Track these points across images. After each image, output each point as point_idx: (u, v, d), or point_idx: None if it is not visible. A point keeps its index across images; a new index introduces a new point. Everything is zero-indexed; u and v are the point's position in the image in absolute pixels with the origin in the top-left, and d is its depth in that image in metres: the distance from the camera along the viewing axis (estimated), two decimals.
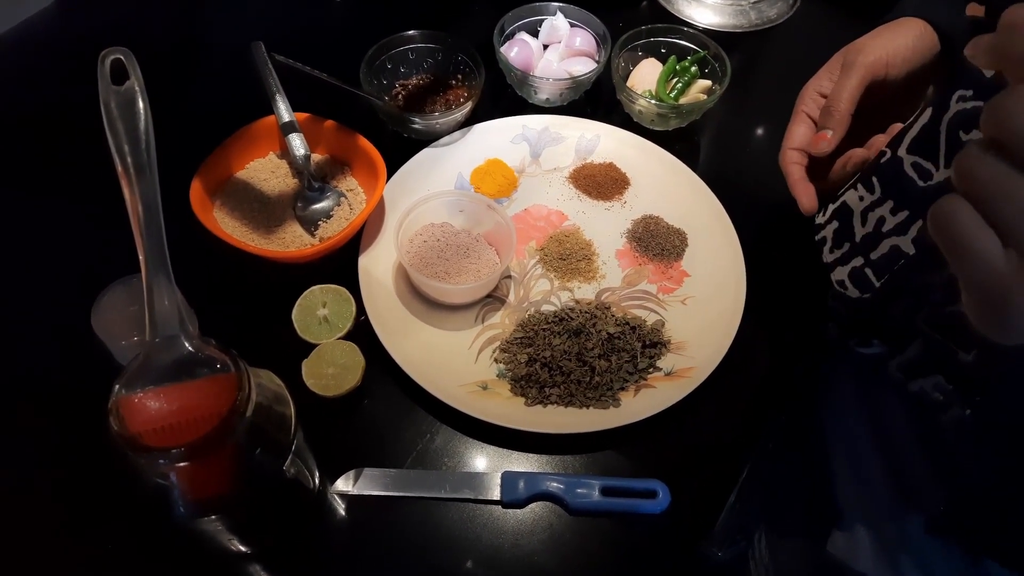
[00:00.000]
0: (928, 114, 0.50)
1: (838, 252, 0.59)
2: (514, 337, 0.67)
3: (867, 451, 0.56)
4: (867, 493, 0.55)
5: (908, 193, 0.51)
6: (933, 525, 0.51)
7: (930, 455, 0.52)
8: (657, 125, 0.83)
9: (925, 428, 0.53)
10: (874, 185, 0.55)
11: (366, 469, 0.59)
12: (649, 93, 0.82)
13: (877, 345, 0.58)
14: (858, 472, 0.56)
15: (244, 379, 0.42)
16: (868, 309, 0.56)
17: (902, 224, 0.52)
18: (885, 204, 0.53)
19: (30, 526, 0.56)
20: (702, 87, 0.82)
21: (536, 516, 0.58)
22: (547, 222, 0.76)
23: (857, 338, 0.59)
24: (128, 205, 0.44)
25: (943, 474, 0.51)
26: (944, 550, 0.50)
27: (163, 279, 0.44)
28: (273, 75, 0.74)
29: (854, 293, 0.57)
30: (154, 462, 0.41)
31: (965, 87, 0.46)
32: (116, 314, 0.58)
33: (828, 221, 0.61)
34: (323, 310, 0.65)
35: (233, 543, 0.54)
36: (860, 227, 0.56)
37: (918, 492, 0.52)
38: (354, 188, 0.75)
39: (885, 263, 0.53)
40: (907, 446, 0.53)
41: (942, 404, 0.50)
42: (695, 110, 0.81)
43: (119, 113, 0.45)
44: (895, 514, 0.53)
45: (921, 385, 0.52)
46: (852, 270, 0.57)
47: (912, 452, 0.53)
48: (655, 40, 0.85)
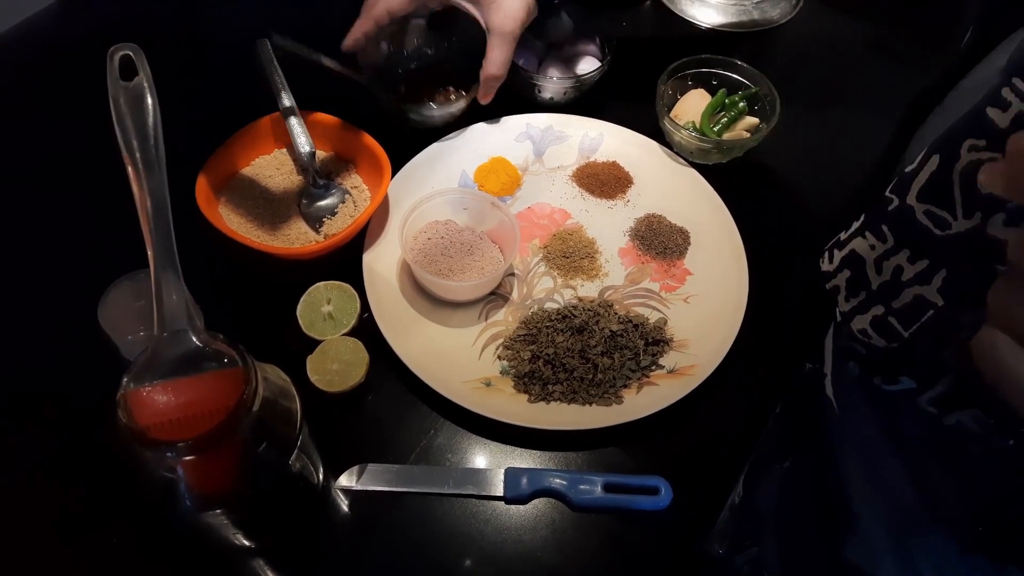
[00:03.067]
0: (935, 161, 0.48)
1: (854, 301, 0.57)
2: (517, 334, 0.67)
3: (883, 456, 0.55)
4: (886, 500, 0.54)
5: (925, 242, 0.50)
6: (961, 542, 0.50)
7: (944, 461, 0.52)
8: (697, 158, 0.80)
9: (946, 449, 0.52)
10: (885, 234, 0.54)
11: (370, 465, 0.59)
12: (692, 125, 0.79)
13: (905, 382, 0.56)
14: (874, 478, 0.56)
15: (251, 373, 0.43)
16: (895, 353, 0.55)
17: (923, 274, 0.51)
18: (900, 253, 0.52)
19: (35, 520, 0.56)
20: (748, 124, 0.80)
21: (539, 512, 0.59)
22: (550, 220, 0.76)
23: (882, 376, 0.58)
24: (137, 200, 0.44)
25: (961, 481, 0.51)
26: (967, 557, 0.50)
27: (171, 274, 0.44)
28: (278, 72, 0.74)
29: (880, 342, 0.55)
30: (161, 455, 0.41)
31: (977, 136, 0.46)
32: (123, 309, 0.58)
33: (838, 269, 0.59)
34: (327, 307, 0.66)
35: (238, 537, 0.54)
36: (876, 276, 0.55)
37: (942, 504, 0.51)
38: (359, 185, 0.75)
39: (911, 313, 0.52)
40: (920, 450, 0.53)
41: (980, 436, 0.50)
42: (737, 147, 0.78)
43: (128, 109, 0.45)
44: (919, 522, 0.53)
45: (958, 419, 0.51)
46: (874, 319, 0.55)
47: (926, 457, 0.53)
48: (706, 71, 0.83)
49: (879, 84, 0.90)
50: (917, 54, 0.95)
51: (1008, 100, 0.44)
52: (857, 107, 0.88)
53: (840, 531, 0.56)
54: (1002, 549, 0.49)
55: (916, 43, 0.96)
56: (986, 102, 0.45)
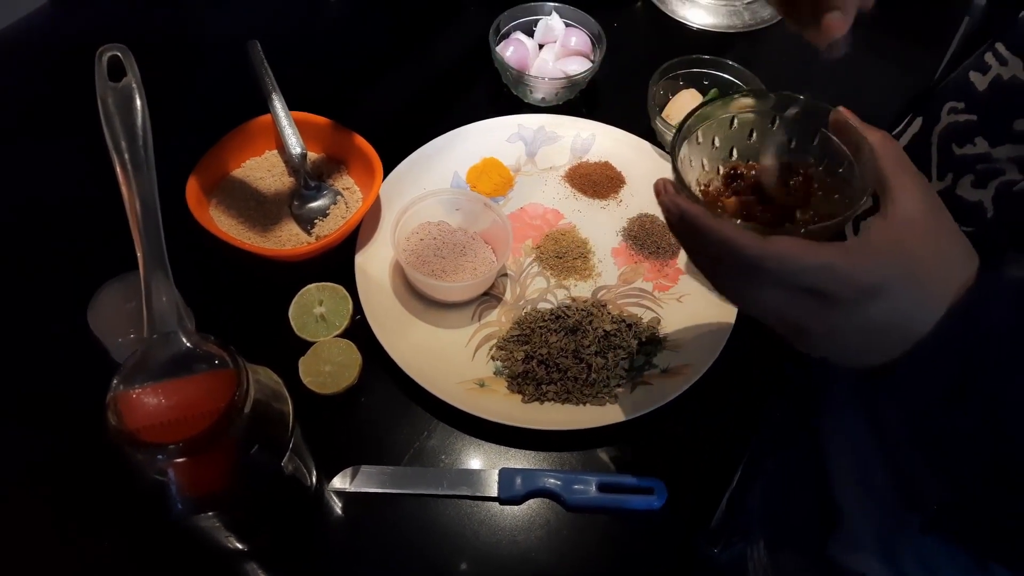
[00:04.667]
0: (919, 123, 0.50)
1: None
2: (511, 335, 0.67)
3: (867, 451, 0.55)
4: (868, 494, 0.55)
5: None
6: (929, 523, 0.51)
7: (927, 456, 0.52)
8: None
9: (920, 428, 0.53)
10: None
11: (363, 466, 0.59)
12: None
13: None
14: (858, 473, 0.56)
15: (243, 375, 0.42)
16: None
17: None
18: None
19: (26, 523, 0.56)
20: None
21: (533, 513, 0.59)
22: (543, 220, 0.76)
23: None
24: (126, 202, 0.44)
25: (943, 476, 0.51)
26: (950, 553, 0.50)
27: (161, 276, 0.44)
28: (269, 74, 0.74)
29: None
30: (152, 458, 0.41)
31: (956, 99, 0.47)
32: (112, 311, 0.58)
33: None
34: (320, 308, 0.65)
35: (230, 540, 0.54)
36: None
37: (920, 494, 0.52)
38: (350, 186, 0.75)
39: None
40: (905, 446, 0.53)
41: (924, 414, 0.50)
42: None
43: (116, 110, 0.45)
44: (897, 514, 0.53)
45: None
46: None
47: (910, 452, 0.53)
48: (697, 71, 0.83)
49: (871, 85, 0.91)
50: (909, 55, 0.95)
51: (989, 64, 0.45)
52: (848, 108, 0.88)
53: (825, 528, 0.56)
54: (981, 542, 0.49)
55: (908, 44, 0.97)
56: (970, 66, 0.46)
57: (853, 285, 0.37)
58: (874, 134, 0.42)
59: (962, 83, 0.46)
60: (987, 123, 0.45)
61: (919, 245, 0.38)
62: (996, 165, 0.44)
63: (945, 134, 0.47)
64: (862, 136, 0.42)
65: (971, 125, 0.46)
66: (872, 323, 0.38)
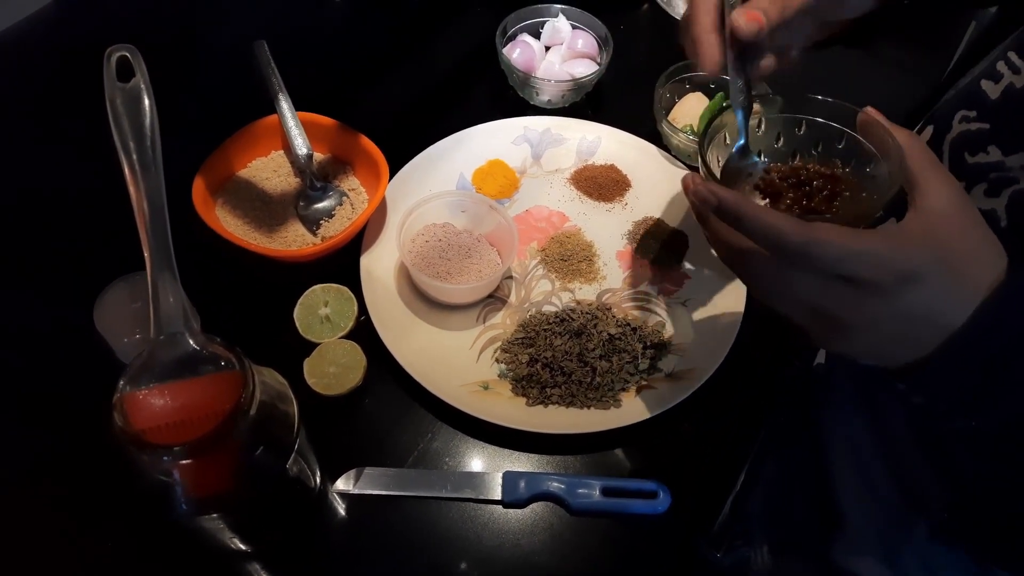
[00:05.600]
0: (929, 132, 0.49)
1: None
2: (515, 337, 0.67)
3: (870, 454, 0.55)
4: (871, 498, 0.55)
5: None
6: (937, 531, 0.50)
7: (931, 459, 0.52)
8: (695, 161, 0.78)
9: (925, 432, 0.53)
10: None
11: (367, 468, 0.59)
12: (690, 128, 0.79)
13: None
14: (861, 476, 0.56)
15: (248, 376, 0.42)
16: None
17: None
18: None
19: (31, 523, 0.56)
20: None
21: (537, 516, 0.59)
22: (548, 223, 0.76)
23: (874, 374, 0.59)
24: (133, 202, 0.44)
25: (945, 479, 0.51)
26: (952, 557, 0.50)
27: (168, 276, 0.44)
28: (276, 74, 0.74)
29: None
30: (157, 459, 0.41)
31: (968, 107, 0.46)
32: (119, 311, 0.58)
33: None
34: (325, 309, 0.65)
35: (235, 541, 0.54)
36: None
37: (923, 497, 0.51)
38: (356, 188, 0.75)
39: None
40: (909, 449, 0.53)
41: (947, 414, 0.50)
42: None
43: (124, 110, 0.45)
44: (901, 520, 0.52)
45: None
46: None
47: (914, 456, 0.53)
48: (704, 75, 0.78)
49: (877, 91, 0.90)
50: (913, 60, 0.95)
51: (1001, 72, 0.44)
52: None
53: (828, 531, 0.56)
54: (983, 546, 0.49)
55: (912, 49, 0.96)
56: (981, 75, 0.46)
57: (892, 271, 0.37)
58: (901, 132, 0.42)
59: (974, 91, 0.46)
60: (1000, 131, 0.45)
61: (952, 236, 0.38)
62: (1009, 173, 0.44)
63: (957, 143, 0.47)
64: (890, 135, 0.42)
65: (983, 133, 0.46)
66: (909, 312, 0.38)
